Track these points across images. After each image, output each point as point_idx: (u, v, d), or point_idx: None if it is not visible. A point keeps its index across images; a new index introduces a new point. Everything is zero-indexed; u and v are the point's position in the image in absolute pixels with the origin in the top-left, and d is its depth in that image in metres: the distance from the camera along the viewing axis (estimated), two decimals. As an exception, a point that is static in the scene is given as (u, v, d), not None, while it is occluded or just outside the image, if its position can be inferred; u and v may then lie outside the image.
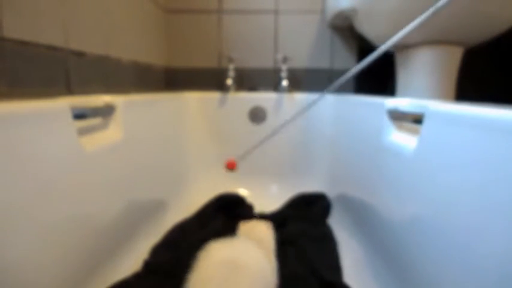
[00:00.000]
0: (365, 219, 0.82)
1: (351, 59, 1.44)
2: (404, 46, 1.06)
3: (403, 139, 0.64)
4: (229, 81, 1.33)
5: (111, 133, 0.70)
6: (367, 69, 1.47)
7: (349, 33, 1.41)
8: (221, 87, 1.36)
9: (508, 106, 0.42)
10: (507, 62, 1.39)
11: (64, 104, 0.55)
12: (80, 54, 0.80)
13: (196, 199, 1.06)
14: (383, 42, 1.15)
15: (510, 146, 0.37)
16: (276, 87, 1.42)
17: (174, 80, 1.46)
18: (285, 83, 1.31)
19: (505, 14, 0.88)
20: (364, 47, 1.38)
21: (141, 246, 0.76)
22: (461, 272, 0.44)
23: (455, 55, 0.99)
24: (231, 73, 1.36)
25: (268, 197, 1.21)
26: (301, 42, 1.44)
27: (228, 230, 0.86)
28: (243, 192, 1.21)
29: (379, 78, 1.38)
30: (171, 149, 1.09)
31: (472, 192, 0.43)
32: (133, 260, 0.71)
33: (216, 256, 0.61)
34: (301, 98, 1.34)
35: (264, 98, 1.35)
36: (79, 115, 0.58)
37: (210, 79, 1.45)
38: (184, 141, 1.23)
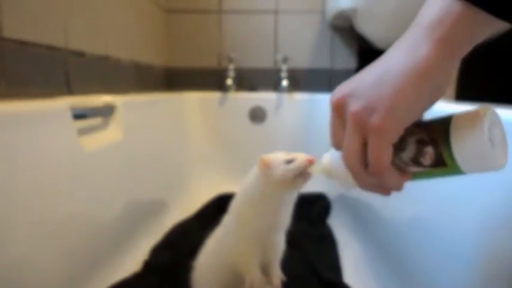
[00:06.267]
0: (365, 219, 0.82)
1: (351, 59, 1.44)
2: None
3: (403, 139, 0.64)
4: (229, 81, 1.33)
5: (111, 133, 0.70)
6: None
7: (349, 33, 1.41)
8: (221, 87, 1.36)
9: (508, 106, 0.42)
10: (507, 62, 1.38)
11: (64, 104, 0.55)
12: (80, 54, 0.80)
13: (196, 199, 1.06)
14: (383, 42, 1.15)
15: (510, 145, 0.37)
16: (276, 87, 1.42)
17: (174, 80, 1.46)
18: (285, 83, 1.31)
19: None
20: (364, 47, 1.38)
21: (141, 246, 0.76)
22: (461, 272, 0.44)
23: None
24: (231, 73, 1.36)
25: (268, 197, 1.21)
26: (301, 42, 1.44)
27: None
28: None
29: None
30: (171, 148, 1.09)
31: (471, 192, 0.43)
32: (133, 260, 0.71)
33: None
34: (301, 98, 1.34)
35: (264, 98, 1.35)
36: (79, 115, 0.58)
37: (210, 79, 1.45)
38: (184, 141, 1.23)
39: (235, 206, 0.51)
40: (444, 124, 0.27)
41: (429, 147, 0.28)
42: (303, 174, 0.44)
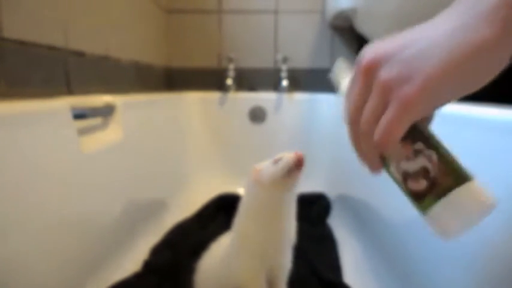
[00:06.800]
0: (365, 219, 0.82)
1: (351, 59, 1.44)
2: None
3: (403, 139, 0.64)
4: (229, 81, 1.33)
5: (111, 133, 0.70)
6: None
7: (349, 33, 1.41)
8: (221, 87, 1.36)
9: (508, 106, 0.42)
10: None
11: (64, 104, 0.55)
12: (80, 54, 0.80)
13: (196, 199, 1.06)
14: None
15: (510, 146, 0.37)
16: (276, 87, 1.42)
17: (174, 80, 1.46)
18: (285, 83, 1.31)
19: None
20: (364, 47, 1.38)
21: (141, 246, 0.76)
22: (461, 272, 0.44)
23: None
24: (231, 73, 1.36)
25: (268, 197, 1.21)
26: (301, 42, 1.44)
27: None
28: (242, 192, 1.20)
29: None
30: (171, 148, 1.09)
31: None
32: (133, 260, 0.71)
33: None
34: (301, 98, 1.34)
35: (264, 98, 1.35)
36: (79, 115, 0.58)
37: (210, 79, 1.45)
38: (184, 141, 1.23)
39: (237, 223, 0.51)
40: (456, 181, 0.26)
41: (425, 182, 0.26)
42: (291, 172, 0.44)
